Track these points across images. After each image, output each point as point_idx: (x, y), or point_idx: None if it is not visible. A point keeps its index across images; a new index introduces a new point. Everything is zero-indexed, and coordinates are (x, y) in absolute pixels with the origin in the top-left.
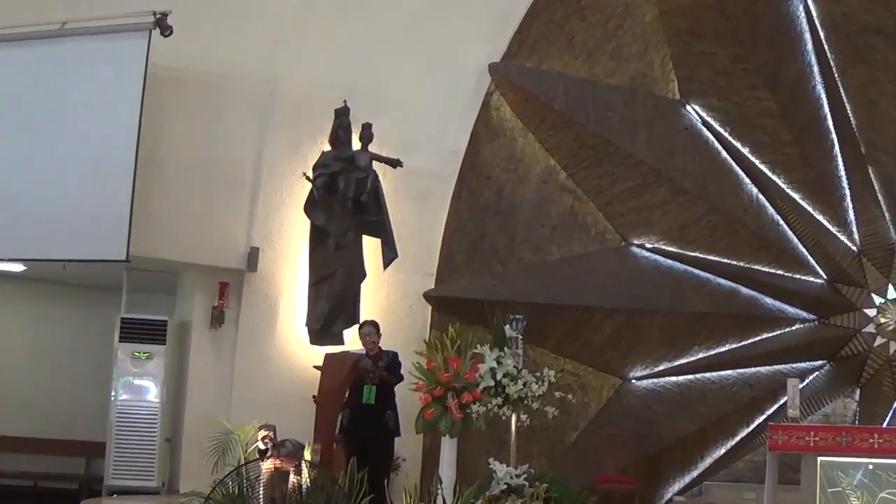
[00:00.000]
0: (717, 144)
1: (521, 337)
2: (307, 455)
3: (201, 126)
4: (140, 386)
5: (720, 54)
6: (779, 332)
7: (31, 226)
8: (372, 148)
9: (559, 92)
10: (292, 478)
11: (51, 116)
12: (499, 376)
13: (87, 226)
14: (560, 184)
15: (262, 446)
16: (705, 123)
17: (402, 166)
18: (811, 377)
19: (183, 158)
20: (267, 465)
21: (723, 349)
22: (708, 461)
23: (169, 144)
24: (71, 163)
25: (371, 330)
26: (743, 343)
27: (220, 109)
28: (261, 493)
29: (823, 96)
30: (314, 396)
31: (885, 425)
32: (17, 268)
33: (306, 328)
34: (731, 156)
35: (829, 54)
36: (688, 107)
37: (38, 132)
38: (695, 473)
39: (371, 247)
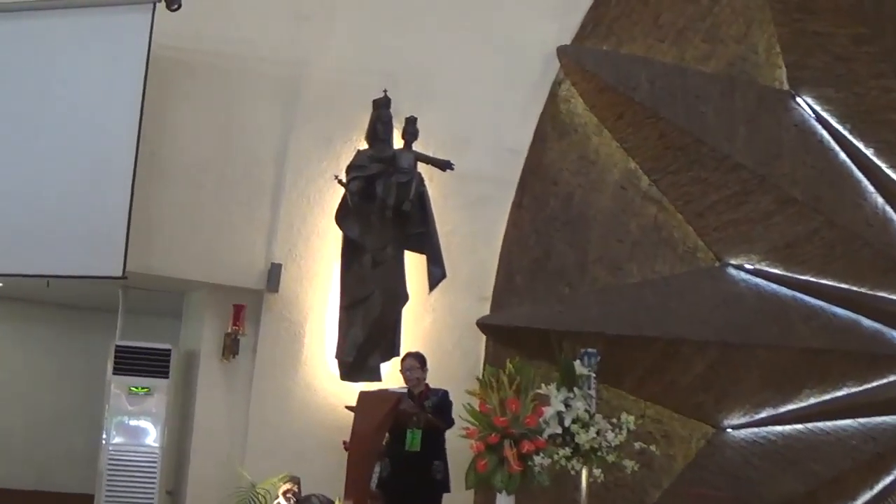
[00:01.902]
0: (833, 144)
1: (593, 375)
2: None
3: (214, 118)
4: (137, 427)
5: (838, 35)
6: None
7: (8, 235)
8: (416, 146)
9: (642, 81)
10: None
11: (34, 106)
12: (567, 422)
13: (77, 235)
14: (642, 191)
15: (283, 502)
16: (819, 119)
17: (452, 169)
18: None
19: (191, 157)
20: None
21: (839, 394)
22: None
23: (175, 140)
24: (58, 160)
25: (415, 364)
26: (864, 387)
27: (237, 98)
28: None
29: None
30: (345, 443)
31: None
32: None
33: (337, 361)
34: (850, 158)
35: None
36: (798, 99)
37: (19, 124)
38: None
39: (415, 264)
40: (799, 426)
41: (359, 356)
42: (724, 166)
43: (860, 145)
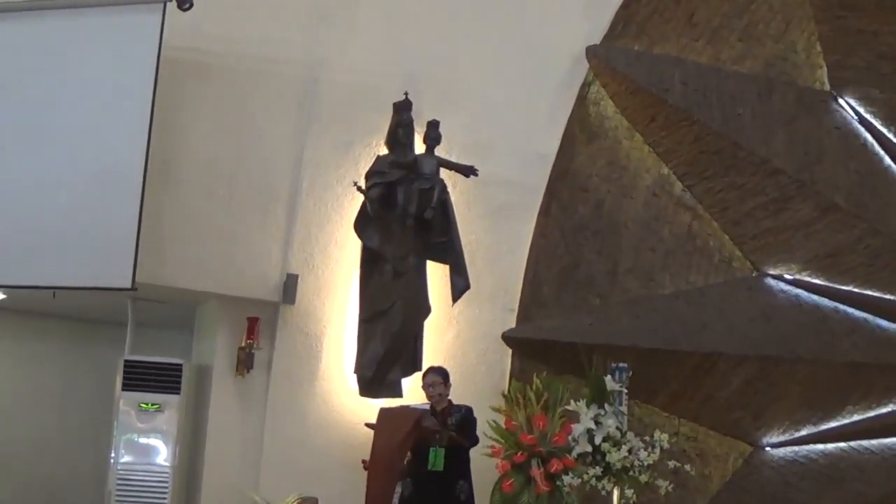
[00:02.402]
0: (877, 148)
1: (625, 391)
2: None
3: (227, 122)
4: (147, 446)
5: (883, 32)
6: None
7: (13, 244)
8: (439, 151)
9: (675, 82)
10: None
11: (39, 110)
12: (597, 440)
13: (84, 245)
14: (675, 198)
15: None
16: (863, 121)
17: (476, 175)
18: None
19: (204, 163)
20: None
21: (884, 410)
22: None
23: (187, 145)
24: (64, 166)
25: (437, 379)
26: None
27: (251, 102)
28: None
29: None
30: (365, 462)
31: None
32: None
33: (355, 376)
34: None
35: None
36: (840, 100)
37: (23, 129)
38: None
39: (437, 275)
40: (842, 444)
41: (379, 371)
42: (762, 171)
43: None
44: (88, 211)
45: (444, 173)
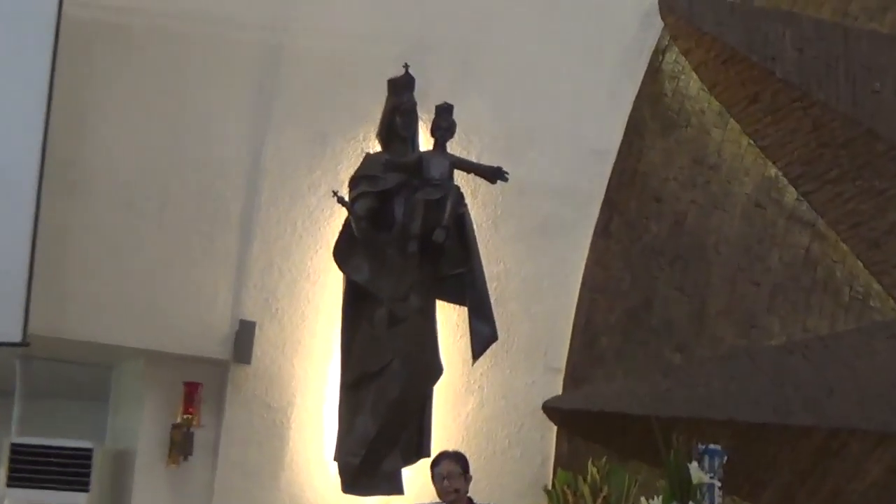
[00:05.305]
0: None
1: (718, 483)
2: None
3: (157, 109)
4: None
5: None
6: None
7: None
8: (453, 147)
9: (786, 46)
10: None
11: None
12: None
13: None
14: (787, 210)
15: None
16: None
17: (506, 180)
18: None
19: (124, 167)
20: None
21: None
22: None
23: (100, 141)
24: None
25: (453, 469)
26: None
27: (191, 80)
28: None
29: None
30: None
31: None
32: None
33: (336, 465)
34: None
35: None
36: None
37: None
38: None
39: (451, 321)
40: None
41: (370, 457)
42: None
43: None
44: None
45: (460, 178)
